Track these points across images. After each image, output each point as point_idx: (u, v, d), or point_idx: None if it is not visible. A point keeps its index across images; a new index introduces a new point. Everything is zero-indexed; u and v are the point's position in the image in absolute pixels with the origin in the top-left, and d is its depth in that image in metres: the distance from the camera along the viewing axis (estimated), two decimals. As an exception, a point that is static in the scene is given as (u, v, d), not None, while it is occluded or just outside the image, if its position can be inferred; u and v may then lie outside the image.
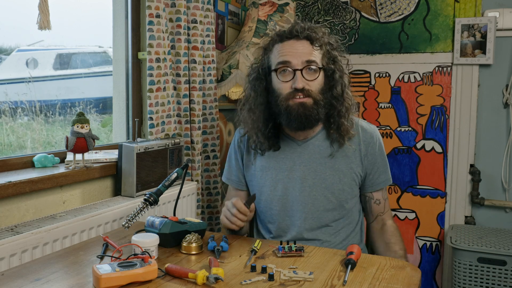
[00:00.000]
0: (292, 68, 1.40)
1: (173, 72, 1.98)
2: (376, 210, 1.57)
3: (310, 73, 1.41)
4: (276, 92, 1.44)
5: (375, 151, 1.51)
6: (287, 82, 1.41)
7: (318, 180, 1.49)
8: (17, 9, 1.71)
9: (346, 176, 1.49)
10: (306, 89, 1.40)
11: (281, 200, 1.51)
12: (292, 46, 1.42)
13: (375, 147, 1.51)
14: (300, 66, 1.39)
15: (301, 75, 1.39)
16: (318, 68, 1.42)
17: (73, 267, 1.09)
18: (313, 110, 1.41)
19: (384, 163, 1.55)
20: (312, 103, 1.40)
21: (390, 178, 1.57)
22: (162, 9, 1.85)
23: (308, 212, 1.49)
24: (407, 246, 2.73)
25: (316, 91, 1.42)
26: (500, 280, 2.16)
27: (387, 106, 2.73)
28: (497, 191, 2.54)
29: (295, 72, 1.39)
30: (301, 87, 1.39)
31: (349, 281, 1.05)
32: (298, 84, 1.38)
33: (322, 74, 1.44)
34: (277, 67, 1.43)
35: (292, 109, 1.40)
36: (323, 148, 1.50)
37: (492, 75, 2.51)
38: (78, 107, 2.03)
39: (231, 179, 1.65)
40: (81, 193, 1.61)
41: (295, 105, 1.40)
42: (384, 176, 1.55)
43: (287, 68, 1.41)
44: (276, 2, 2.43)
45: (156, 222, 1.25)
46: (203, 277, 1.00)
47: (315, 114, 1.42)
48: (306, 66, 1.40)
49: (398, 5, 2.68)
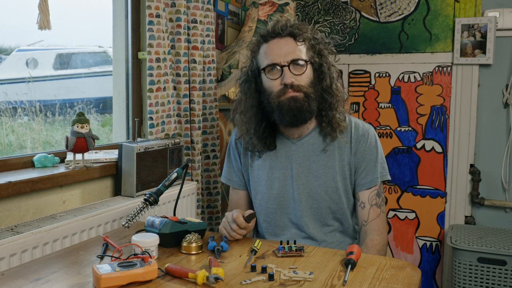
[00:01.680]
0: (280, 65, 1.42)
1: (173, 72, 1.98)
2: (360, 216, 1.51)
3: (297, 68, 1.43)
4: (267, 91, 1.47)
5: (365, 148, 1.50)
6: (276, 79, 1.44)
7: (312, 177, 1.50)
8: (17, 9, 1.71)
9: (339, 175, 1.49)
10: (296, 84, 1.42)
11: (277, 199, 1.52)
12: (277, 45, 1.45)
13: (365, 145, 1.51)
14: (287, 62, 1.42)
15: (289, 71, 1.42)
16: (304, 61, 1.44)
17: (73, 267, 1.09)
18: (304, 103, 1.43)
19: (373, 163, 1.50)
20: (303, 96, 1.43)
21: (381, 176, 1.51)
22: (162, 9, 1.85)
23: (303, 210, 1.49)
24: (407, 246, 2.73)
25: (305, 84, 1.44)
26: (500, 280, 2.15)
27: (387, 106, 2.73)
28: (497, 191, 2.54)
29: (283, 69, 1.42)
30: (290, 82, 1.41)
31: (349, 281, 1.05)
32: (287, 80, 1.41)
33: (310, 67, 1.46)
34: (265, 65, 1.46)
35: (283, 104, 1.42)
36: (316, 145, 1.51)
37: (492, 75, 2.51)
38: (77, 107, 2.03)
39: (231, 180, 1.65)
40: (81, 193, 1.61)
41: (286, 100, 1.42)
42: (371, 176, 1.50)
43: (274, 66, 1.43)
44: (276, 2, 2.43)
45: (156, 222, 1.25)
46: (203, 277, 1.00)
47: (307, 106, 1.43)
48: (293, 61, 1.42)
49: (398, 5, 2.68)
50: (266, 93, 1.47)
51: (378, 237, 1.46)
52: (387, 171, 1.54)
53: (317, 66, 1.48)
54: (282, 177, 1.52)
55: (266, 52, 1.46)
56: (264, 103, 1.49)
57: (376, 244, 1.44)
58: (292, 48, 1.44)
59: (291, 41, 1.45)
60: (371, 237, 1.46)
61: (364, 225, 1.49)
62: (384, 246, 1.47)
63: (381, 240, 1.46)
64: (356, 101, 2.80)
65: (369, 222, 1.48)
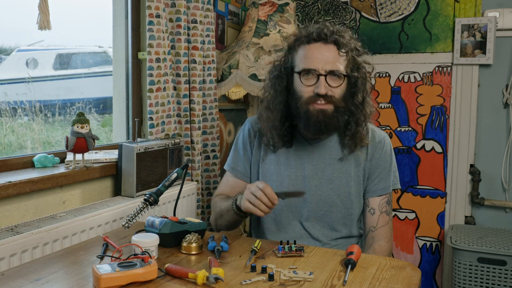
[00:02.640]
0: (316, 73, 1.37)
1: (173, 72, 1.98)
2: (368, 222, 1.51)
3: (334, 79, 1.38)
4: (297, 94, 1.42)
5: (380, 155, 1.50)
6: (309, 86, 1.38)
7: (325, 181, 1.48)
8: (17, 9, 1.71)
9: (353, 180, 1.48)
10: (329, 95, 1.37)
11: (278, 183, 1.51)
12: (319, 51, 1.39)
13: (381, 152, 1.50)
14: (325, 72, 1.37)
15: (325, 81, 1.37)
16: (342, 75, 1.39)
17: (73, 267, 1.09)
18: (333, 118, 1.39)
19: (387, 171, 1.50)
20: (332, 110, 1.38)
21: (393, 184, 1.51)
22: (162, 9, 1.85)
23: (311, 211, 1.48)
24: (407, 246, 2.73)
25: (338, 97, 1.39)
26: (500, 280, 2.15)
27: (387, 106, 2.73)
28: (497, 191, 2.53)
29: (319, 77, 1.37)
30: (324, 93, 1.36)
31: (349, 281, 1.05)
32: (321, 90, 1.36)
33: (346, 81, 1.41)
34: (301, 70, 1.40)
35: (312, 115, 1.38)
36: (334, 151, 1.49)
37: (492, 75, 2.51)
38: (77, 107, 2.03)
39: (236, 169, 1.59)
40: (81, 193, 1.61)
41: (315, 111, 1.38)
42: (384, 184, 1.49)
43: (312, 72, 1.38)
44: (276, 2, 2.43)
45: (156, 222, 1.25)
46: (203, 277, 1.00)
47: (335, 122, 1.40)
48: (331, 72, 1.37)
49: (398, 5, 2.68)
50: (296, 96, 1.42)
51: (386, 244, 1.46)
52: (398, 180, 1.54)
53: (353, 80, 1.43)
54: (293, 176, 1.50)
55: (306, 55, 1.40)
56: (291, 105, 1.44)
57: (384, 251, 1.44)
58: (334, 58, 1.38)
59: (334, 50, 1.39)
60: (380, 243, 1.45)
61: (372, 231, 1.48)
62: (390, 254, 1.47)
63: (389, 247, 1.46)
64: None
65: (377, 229, 1.48)
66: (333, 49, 1.39)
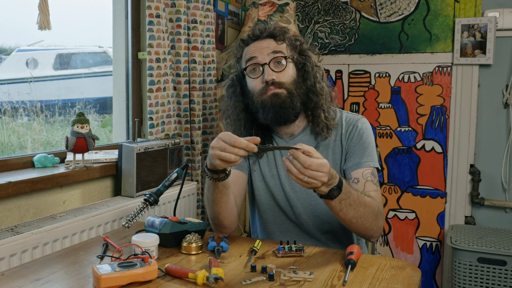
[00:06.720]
0: (260, 64, 1.43)
1: (173, 72, 1.98)
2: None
3: (277, 65, 1.43)
4: (251, 91, 1.47)
5: (354, 134, 1.48)
6: (257, 78, 1.44)
7: None
8: (17, 9, 1.71)
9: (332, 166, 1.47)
10: (277, 81, 1.42)
11: (274, 196, 1.52)
12: (257, 46, 1.46)
13: (354, 131, 1.48)
14: (267, 60, 1.42)
15: (269, 68, 1.42)
16: (284, 58, 1.44)
17: (73, 267, 1.09)
18: (286, 99, 1.42)
19: (363, 147, 1.46)
20: (285, 94, 1.42)
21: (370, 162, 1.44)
22: (162, 9, 1.85)
23: (301, 207, 1.49)
24: (407, 246, 2.73)
25: (287, 82, 1.43)
26: (500, 280, 2.16)
27: (387, 106, 2.73)
28: (497, 191, 2.54)
29: (263, 67, 1.43)
30: (271, 79, 1.41)
31: (349, 281, 1.05)
32: (267, 77, 1.41)
33: (292, 66, 1.46)
34: (246, 65, 1.46)
35: (266, 102, 1.42)
36: (309, 143, 1.50)
37: (492, 75, 2.51)
38: (77, 107, 2.03)
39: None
40: (81, 193, 1.61)
41: (268, 97, 1.42)
42: (365, 158, 1.44)
43: (255, 65, 1.44)
44: (276, 2, 2.43)
45: (156, 222, 1.25)
46: (203, 277, 1.00)
47: (289, 102, 1.42)
48: (273, 59, 1.42)
49: (398, 5, 2.68)
50: (250, 94, 1.47)
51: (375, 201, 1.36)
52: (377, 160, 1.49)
53: (300, 66, 1.48)
54: (275, 176, 1.52)
55: (247, 52, 1.47)
56: (250, 105, 1.49)
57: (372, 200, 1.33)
58: (273, 46, 1.44)
59: (271, 41, 1.46)
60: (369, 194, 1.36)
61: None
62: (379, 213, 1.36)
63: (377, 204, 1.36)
64: (356, 101, 2.80)
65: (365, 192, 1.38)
66: (270, 41, 1.46)
